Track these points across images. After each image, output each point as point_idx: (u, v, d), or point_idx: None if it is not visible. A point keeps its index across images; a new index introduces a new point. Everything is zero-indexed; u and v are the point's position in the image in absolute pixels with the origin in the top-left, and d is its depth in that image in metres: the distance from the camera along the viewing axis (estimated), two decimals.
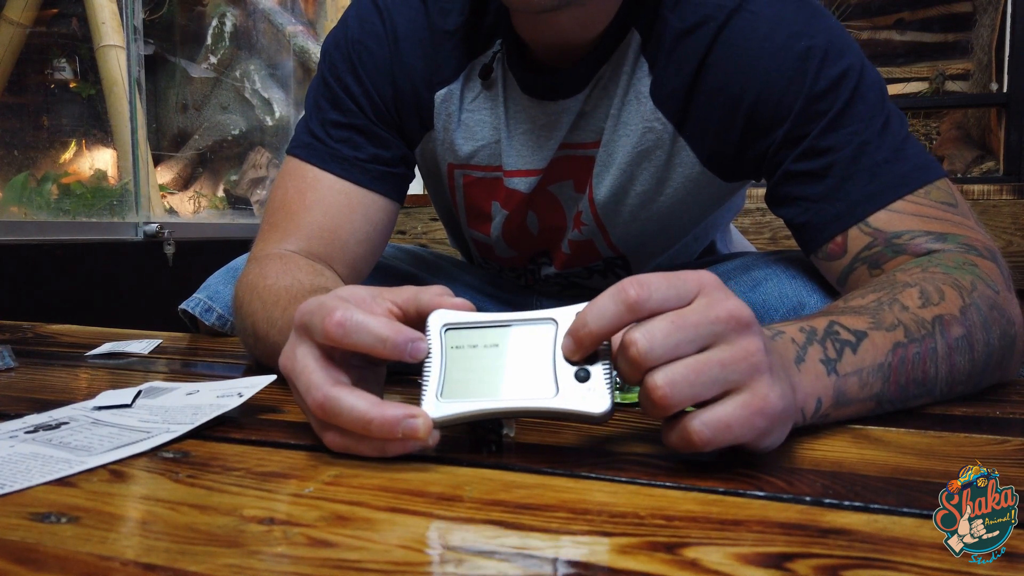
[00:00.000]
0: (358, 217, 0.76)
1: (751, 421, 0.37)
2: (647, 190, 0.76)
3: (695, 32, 0.68)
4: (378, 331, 0.40)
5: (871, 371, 0.48)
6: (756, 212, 1.88)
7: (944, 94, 2.62)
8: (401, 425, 0.39)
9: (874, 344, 0.48)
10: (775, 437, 0.40)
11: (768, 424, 0.38)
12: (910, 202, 0.63)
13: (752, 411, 0.37)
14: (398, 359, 0.40)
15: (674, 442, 0.38)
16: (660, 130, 0.72)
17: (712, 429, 0.37)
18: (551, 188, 0.81)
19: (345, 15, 0.80)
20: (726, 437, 0.37)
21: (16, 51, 2.00)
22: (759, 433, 0.38)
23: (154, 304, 1.80)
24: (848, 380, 0.46)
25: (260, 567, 0.28)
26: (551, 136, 0.76)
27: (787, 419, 0.39)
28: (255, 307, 0.64)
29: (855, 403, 0.48)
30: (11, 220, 1.81)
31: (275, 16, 2.76)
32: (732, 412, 0.37)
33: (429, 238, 2.18)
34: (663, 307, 0.37)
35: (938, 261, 0.59)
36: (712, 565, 0.28)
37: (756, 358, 0.37)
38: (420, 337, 0.40)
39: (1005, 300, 0.57)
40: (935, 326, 0.52)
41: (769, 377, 0.37)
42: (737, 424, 0.37)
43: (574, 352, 0.39)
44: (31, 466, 0.40)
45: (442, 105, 0.78)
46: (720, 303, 0.37)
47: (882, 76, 0.68)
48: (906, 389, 0.50)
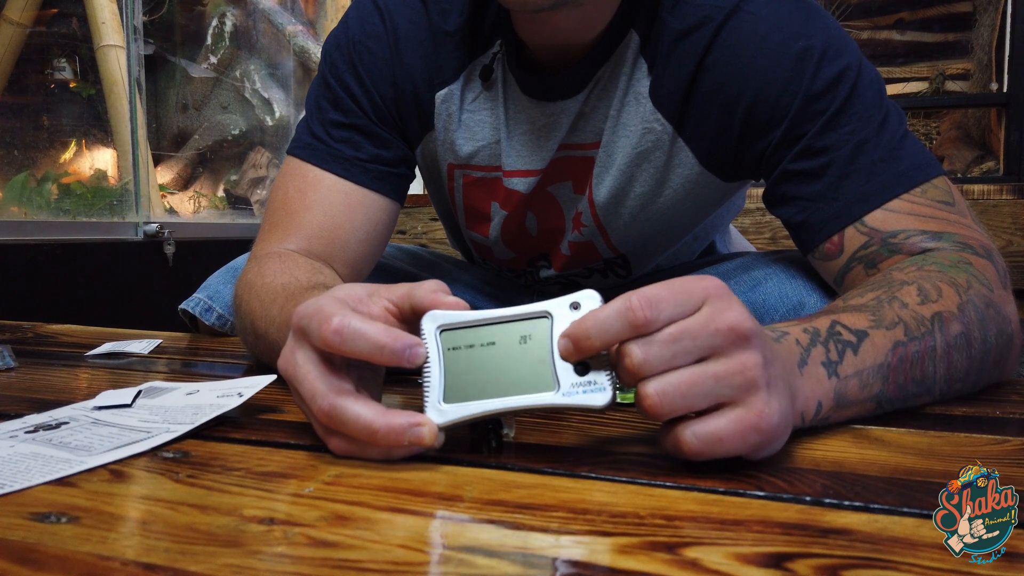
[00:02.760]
0: (359, 217, 0.76)
1: (744, 436, 0.37)
2: (647, 191, 0.76)
3: (693, 33, 0.68)
4: (375, 339, 0.39)
5: (871, 372, 0.48)
6: (756, 212, 1.88)
7: (944, 94, 2.62)
8: (407, 434, 0.39)
9: (874, 344, 0.48)
10: (771, 449, 0.40)
11: (761, 439, 0.38)
12: (906, 201, 0.63)
13: (746, 426, 0.37)
14: (396, 365, 0.40)
15: (667, 448, 0.39)
16: (659, 131, 0.72)
17: (703, 442, 0.37)
18: (550, 189, 0.81)
19: (346, 15, 0.80)
20: (717, 450, 0.37)
21: (16, 51, 2.00)
22: (752, 447, 0.38)
23: (154, 304, 1.80)
24: (848, 382, 0.47)
25: (260, 567, 0.28)
26: (550, 137, 0.76)
27: (783, 432, 0.39)
28: (253, 306, 0.64)
29: (855, 405, 0.48)
30: (11, 220, 1.81)
31: (275, 16, 2.76)
32: (724, 426, 0.37)
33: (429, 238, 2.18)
34: (668, 324, 0.37)
35: (933, 259, 0.59)
36: (712, 565, 0.28)
37: (752, 372, 0.37)
38: (417, 342, 0.40)
39: (1000, 298, 0.57)
40: (935, 323, 0.52)
41: (765, 393, 0.37)
42: (729, 438, 0.37)
43: (572, 355, 0.39)
44: (31, 466, 0.40)
45: (442, 105, 0.78)
46: (722, 313, 0.37)
47: (881, 75, 0.68)
48: (905, 388, 0.50)
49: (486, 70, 0.76)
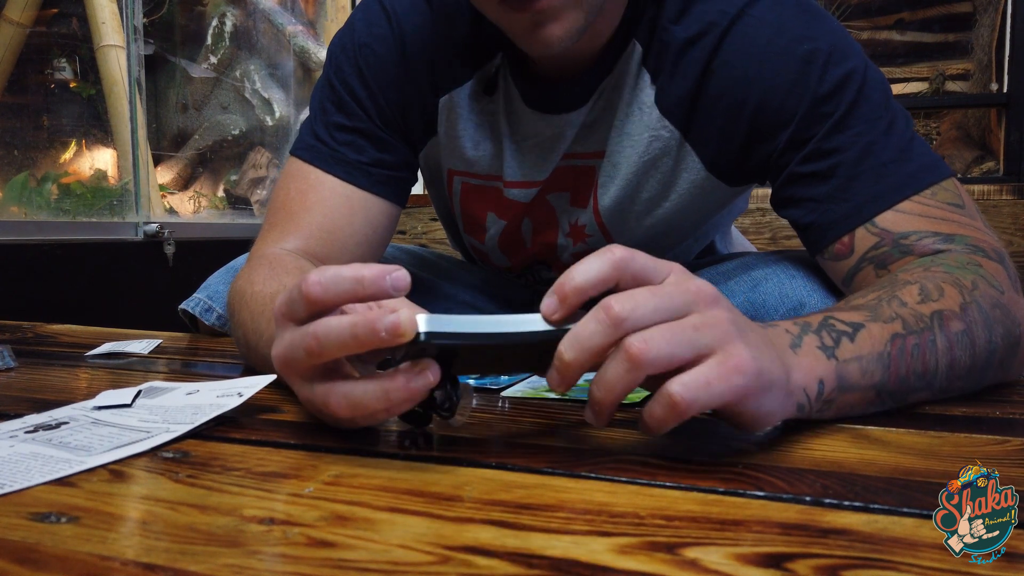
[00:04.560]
0: (358, 219, 0.77)
1: (729, 378, 0.38)
2: (653, 197, 0.76)
3: (699, 40, 0.68)
4: (352, 273, 0.40)
5: (871, 360, 0.48)
6: (756, 212, 1.88)
7: (944, 94, 2.62)
8: (383, 321, 0.37)
9: (871, 335, 0.48)
10: (764, 405, 0.40)
11: (747, 382, 0.38)
12: (917, 202, 0.63)
13: (728, 368, 0.38)
14: (381, 296, 0.40)
15: (658, 415, 0.38)
16: (667, 138, 0.72)
17: (692, 389, 0.37)
18: (549, 198, 0.81)
19: (352, 18, 0.80)
20: (708, 396, 0.38)
21: (16, 51, 2.00)
22: (740, 392, 0.38)
23: (154, 304, 1.80)
24: (849, 366, 0.47)
25: (260, 567, 0.28)
26: (554, 149, 0.76)
27: (770, 383, 0.40)
28: (244, 317, 0.64)
29: (858, 390, 0.47)
30: (11, 220, 1.81)
31: (275, 16, 2.76)
32: (709, 370, 0.38)
33: (429, 238, 2.19)
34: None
35: (941, 261, 0.59)
36: (712, 565, 0.28)
37: (726, 325, 0.39)
38: (395, 268, 0.40)
39: (1010, 301, 0.57)
40: (933, 320, 0.52)
41: (741, 341, 0.39)
42: (716, 380, 0.38)
43: (556, 311, 0.40)
44: (31, 466, 0.40)
45: (445, 111, 0.78)
46: (689, 279, 0.40)
47: (886, 77, 0.68)
48: (907, 381, 0.50)
49: (489, 82, 0.76)
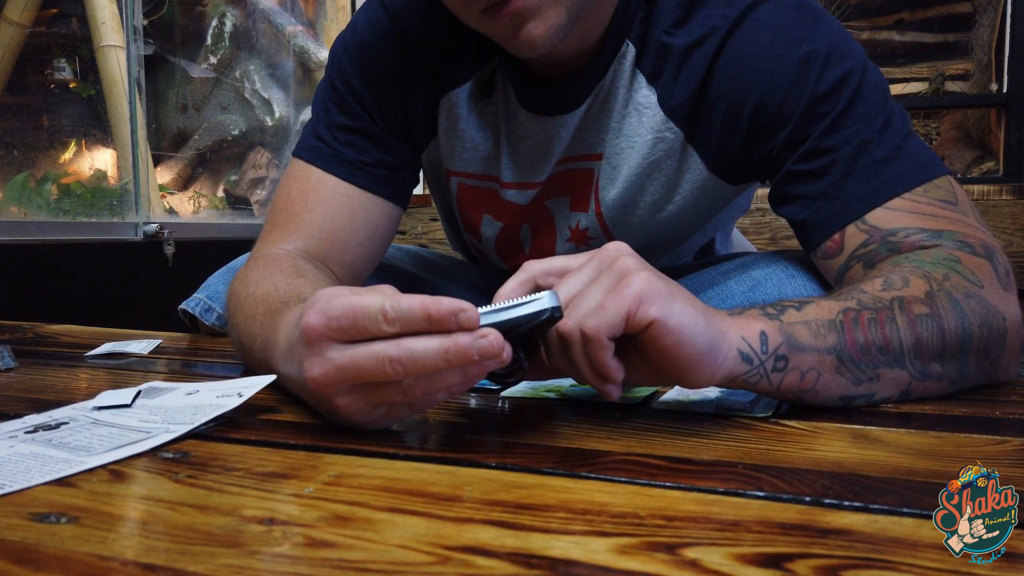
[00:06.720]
0: (359, 220, 0.77)
1: (619, 293, 0.42)
2: (657, 199, 0.77)
3: (703, 44, 0.69)
4: (423, 306, 0.40)
5: (821, 324, 0.49)
6: (756, 212, 1.88)
7: (944, 94, 2.62)
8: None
9: (820, 306, 0.50)
10: (687, 336, 0.43)
11: (639, 288, 0.42)
12: (908, 200, 0.63)
13: (618, 288, 0.42)
14: (445, 329, 0.40)
15: (578, 358, 0.44)
16: (672, 139, 0.73)
17: (588, 314, 0.42)
18: (548, 203, 0.81)
19: (355, 19, 0.81)
20: (604, 317, 0.42)
21: (16, 51, 2.00)
22: (630, 299, 0.42)
23: (154, 304, 1.80)
24: (795, 327, 0.48)
25: (260, 567, 0.28)
26: (551, 151, 0.76)
27: (673, 297, 0.43)
28: (238, 320, 0.63)
29: (812, 351, 0.48)
30: (11, 220, 1.80)
31: (275, 16, 2.76)
32: (599, 295, 0.42)
33: (429, 238, 2.19)
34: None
35: (915, 257, 0.59)
36: (712, 565, 0.28)
37: (625, 260, 0.44)
38: (464, 304, 0.40)
39: (990, 294, 0.57)
40: (893, 303, 0.52)
41: (638, 268, 0.43)
42: (608, 301, 0.42)
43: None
44: (31, 466, 0.40)
45: (445, 111, 0.78)
46: (605, 248, 0.46)
47: (885, 78, 0.68)
48: (868, 351, 0.50)
49: (488, 83, 0.76)
